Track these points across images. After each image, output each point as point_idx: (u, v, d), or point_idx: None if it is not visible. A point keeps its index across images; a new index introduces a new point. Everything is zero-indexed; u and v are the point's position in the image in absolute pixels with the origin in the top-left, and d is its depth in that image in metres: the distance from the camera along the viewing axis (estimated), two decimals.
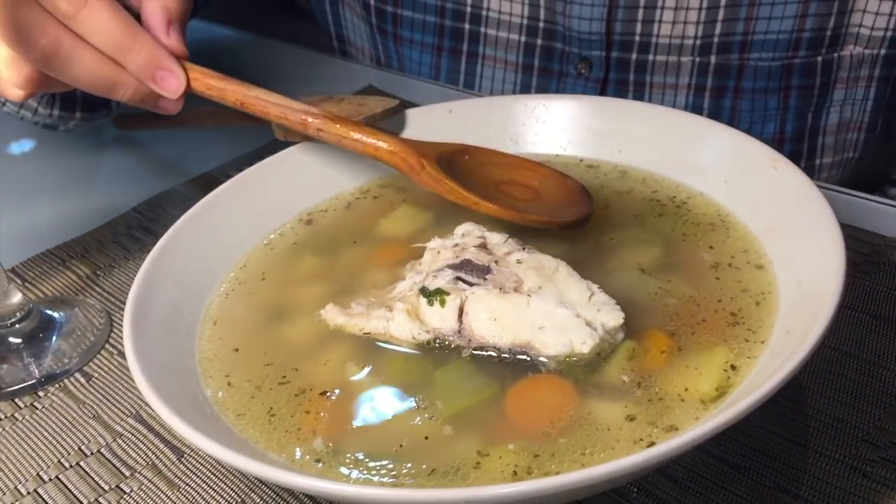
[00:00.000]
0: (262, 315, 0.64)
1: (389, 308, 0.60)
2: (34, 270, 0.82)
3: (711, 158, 0.69)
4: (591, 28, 0.93)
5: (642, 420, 0.51)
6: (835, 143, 0.96)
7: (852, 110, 0.94)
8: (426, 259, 0.63)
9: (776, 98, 0.93)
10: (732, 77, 0.92)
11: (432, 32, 1.03)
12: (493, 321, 0.56)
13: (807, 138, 0.96)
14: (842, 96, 0.93)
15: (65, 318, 0.75)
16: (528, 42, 0.99)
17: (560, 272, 0.58)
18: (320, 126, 0.70)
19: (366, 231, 0.72)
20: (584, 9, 0.93)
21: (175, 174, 0.95)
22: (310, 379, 0.58)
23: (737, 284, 0.60)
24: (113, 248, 0.84)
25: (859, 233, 0.73)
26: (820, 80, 0.92)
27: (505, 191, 0.70)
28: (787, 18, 0.88)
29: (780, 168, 0.63)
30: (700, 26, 0.91)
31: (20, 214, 0.91)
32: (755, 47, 0.90)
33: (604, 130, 0.76)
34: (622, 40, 0.94)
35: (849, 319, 0.65)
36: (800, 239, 0.59)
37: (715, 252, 0.64)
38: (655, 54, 0.94)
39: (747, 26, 0.90)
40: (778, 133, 0.95)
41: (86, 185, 0.97)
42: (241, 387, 0.58)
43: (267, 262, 0.69)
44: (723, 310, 0.58)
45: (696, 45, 0.92)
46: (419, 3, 1.02)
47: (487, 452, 0.51)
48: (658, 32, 0.92)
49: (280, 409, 0.55)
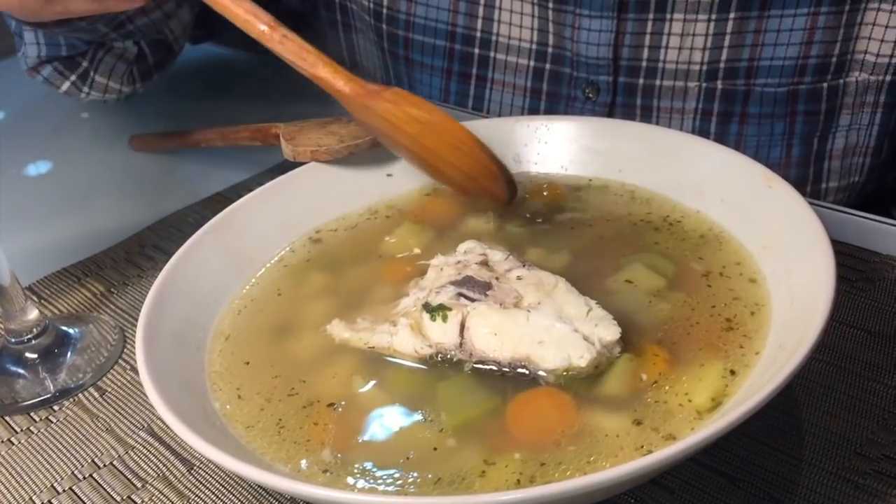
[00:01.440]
0: (270, 330, 0.66)
1: (393, 323, 0.62)
2: (50, 288, 0.84)
3: (708, 177, 0.71)
4: (599, 53, 0.95)
5: (643, 428, 0.53)
6: (840, 167, 0.97)
7: (858, 135, 0.95)
8: (429, 276, 0.65)
9: (782, 123, 0.94)
10: (739, 102, 0.94)
11: (442, 56, 1.05)
12: (494, 336, 0.58)
13: (812, 163, 0.97)
14: (847, 122, 0.94)
15: (79, 334, 0.77)
16: (536, 67, 1.01)
17: (559, 288, 0.60)
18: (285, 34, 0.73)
19: (372, 249, 0.74)
20: (592, 34, 0.94)
21: (188, 194, 0.97)
22: (317, 392, 0.59)
23: (730, 293, 0.62)
24: (126, 267, 0.86)
25: (854, 250, 0.74)
26: (826, 106, 0.93)
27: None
28: (792, 45, 0.89)
29: (774, 186, 0.65)
30: (706, 52, 0.92)
31: (37, 233, 0.94)
32: (761, 73, 0.92)
33: (604, 150, 0.78)
34: (629, 65, 0.95)
35: (843, 335, 0.66)
36: (793, 255, 0.60)
37: (710, 266, 0.65)
38: (662, 79, 0.95)
39: (753, 52, 0.91)
40: (784, 157, 0.96)
41: (101, 204, 0.99)
42: (250, 399, 0.59)
43: (276, 279, 0.71)
44: (718, 315, 0.60)
45: (702, 70, 0.93)
46: (430, 28, 1.04)
47: (492, 462, 0.52)
48: (665, 58, 0.94)
49: (289, 421, 0.57)
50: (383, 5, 1.05)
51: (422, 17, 1.04)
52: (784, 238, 0.62)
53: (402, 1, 1.04)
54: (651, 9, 0.92)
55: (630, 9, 0.92)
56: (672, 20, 0.92)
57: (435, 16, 1.03)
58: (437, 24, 1.04)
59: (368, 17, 1.08)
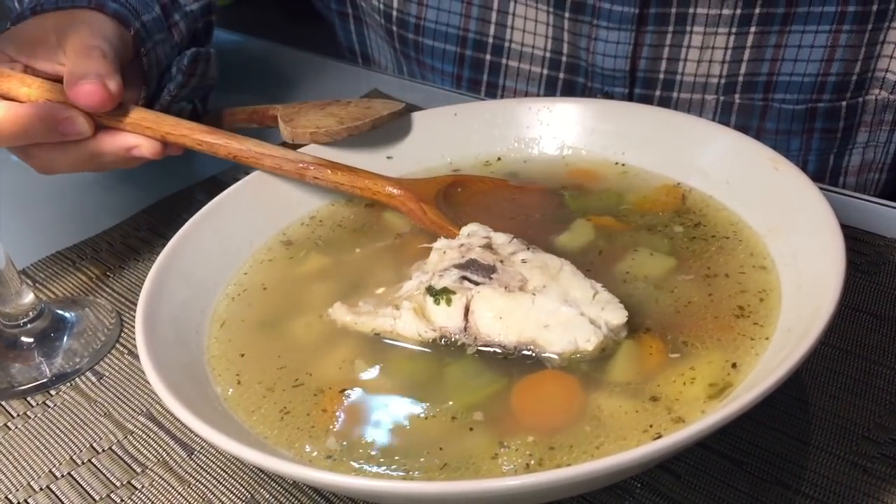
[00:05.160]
0: (271, 313, 0.65)
1: (396, 307, 0.61)
2: (45, 272, 0.83)
3: (713, 159, 0.70)
4: (616, 65, 0.93)
5: (650, 413, 0.52)
6: (856, 183, 0.96)
7: (875, 152, 0.94)
8: (432, 259, 0.64)
9: (799, 139, 0.93)
10: (756, 117, 0.93)
11: (452, 62, 1.03)
12: (499, 319, 0.57)
13: (828, 178, 0.96)
14: (865, 139, 0.93)
15: (76, 318, 0.76)
16: (549, 75, 1.00)
17: (564, 271, 0.59)
18: (316, 174, 0.73)
19: (372, 230, 0.73)
20: (609, 46, 0.93)
21: (183, 177, 0.96)
22: (319, 376, 0.59)
23: (740, 283, 0.61)
24: (122, 250, 0.85)
25: (860, 234, 0.73)
26: (843, 124, 0.92)
27: (492, 214, 0.71)
28: (812, 62, 0.88)
29: (780, 168, 0.64)
30: (725, 66, 0.91)
31: (31, 216, 0.93)
32: (780, 89, 0.90)
33: (607, 132, 0.77)
34: (646, 77, 0.94)
35: (850, 319, 0.66)
36: (801, 238, 0.60)
37: (719, 251, 0.64)
38: (679, 92, 0.94)
39: (772, 67, 0.90)
40: None
41: (95, 187, 0.97)
42: (251, 385, 0.59)
43: (275, 261, 0.70)
44: (728, 300, 0.59)
45: (720, 84, 0.92)
46: (440, 33, 1.02)
47: (498, 447, 0.51)
48: (683, 70, 0.93)
49: (295, 408, 0.56)
50: (393, 7, 1.04)
51: (432, 21, 1.02)
52: (792, 220, 0.61)
53: (413, 4, 1.02)
54: (671, 22, 0.90)
55: (650, 21, 0.91)
56: (692, 33, 0.90)
57: (446, 20, 1.01)
58: (448, 29, 1.02)
59: (379, 18, 1.06)
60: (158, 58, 0.83)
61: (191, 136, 0.74)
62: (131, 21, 0.79)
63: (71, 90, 0.69)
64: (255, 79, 1.18)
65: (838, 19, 0.86)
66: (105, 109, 0.71)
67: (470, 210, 0.72)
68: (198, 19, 0.93)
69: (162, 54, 0.84)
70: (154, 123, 0.74)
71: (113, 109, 0.72)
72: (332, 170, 0.73)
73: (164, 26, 0.86)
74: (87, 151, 0.73)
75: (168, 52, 0.85)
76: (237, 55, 1.28)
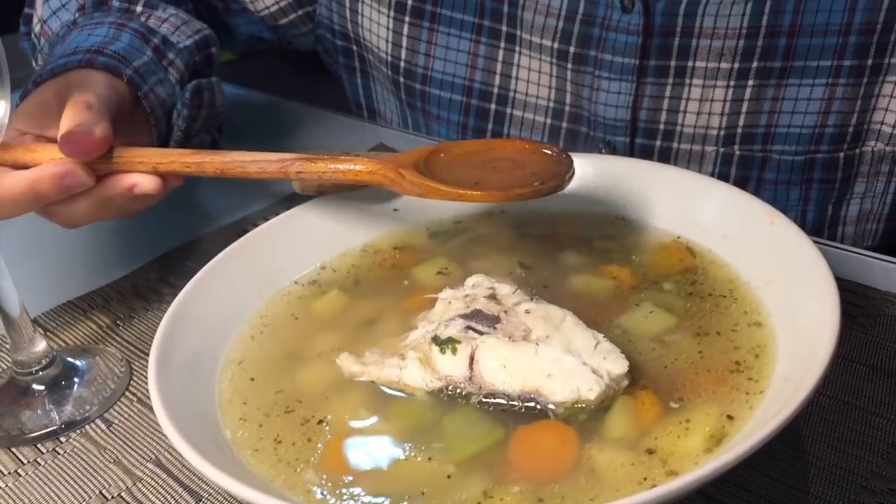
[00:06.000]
0: (279, 362, 0.66)
1: (402, 356, 0.62)
2: (56, 320, 0.85)
3: (711, 214, 0.72)
4: (617, 115, 0.96)
5: (645, 465, 0.53)
6: (854, 233, 0.98)
7: (872, 203, 0.96)
8: (438, 309, 0.65)
9: (798, 189, 0.95)
10: (755, 168, 0.95)
11: (458, 111, 1.06)
12: (503, 368, 0.59)
13: (827, 228, 0.98)
14: (862, 189, 0.95)
15: (87, 366, 0.77)
16: (553, 124, 1.02)
17: (567, 321, 0.61)
18: (299, 168, 0.74)
19: (380, 282, 0.75)
20: (611, 96, 0.95)
21: (190, 229, 0.98)
22: (324, 424, 0.60)
23: (733, 341, 0.62)
24: (132, 300, 0.87)
25: (856, 287, 0.75)
26: (841, 175, 0.94)
27: (486, 171, 0.71)
28: (809, 114, 0.91)
29: (777, 223, 0.66)
30: (724, 118, 0.93)
31: (43, 266, 0.95)
32: (778, 140, 0.93)
33: (608, 186, 0.79)
34: (647, 127, 0.97)
35: (846, 370, 0.67)
36: (797, 290, 0.61)
37: (715, 308, 0.66)
38: (680, 143, 0.96)
39: (770, 120, 0.92)
40: (799, 222, 0.95)
41: (105, 238, 0.99)
42: (256, 429, 0.60)
43: (284, 311, 0.72)
44: (723, 359, 0.60)
45: (719, 135, 0.94)
46: (447, 82, 1.05)
47: (491, 495, 0.52)
48: (683, 122, 0.95)
49: (305, 456, 0.58)
50: (401, 58, 1.07)
51: (439, 72, 1.05)
52: (788, 273, 0.63)
53: (420, 55, 1.05)
54: (670, 74, 0.93)
55: (650, 73, 0.94)
56: (691, 85, 0.93)
57: (452, 70, 1.04)
58: (454, 79, 1.05)
59: (386, 69, 1.09)
60: (159, 98, 0.87)
61: (179, 161, 0.76)
62: (122, 69, 0.83)
63: (60, 144, 0.73)
64: (262, 132, 1.21)
65: (834, 73, 0.89)
66: (95, 155, 0.74)
67: (454, 170, 0.72)
68: (194, 54, 0.97)
69: (163, 94, 0.87)
70: (145, 157, 0.76)
71: (107, 154, 0.75)
72: (313, 161, 0.74)
73: (160, 67, 0.90)
74: (96, 200, 0.76)
75: (170, 91, 0.89)
76: (244, 108, 1.31)
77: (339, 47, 1.16)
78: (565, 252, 0.75)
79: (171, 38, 0.95)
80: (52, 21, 0.99)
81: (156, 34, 0.93)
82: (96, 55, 0.83)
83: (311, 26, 1.16)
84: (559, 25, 0.96)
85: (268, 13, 1.14)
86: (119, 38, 0.88)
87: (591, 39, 0.95)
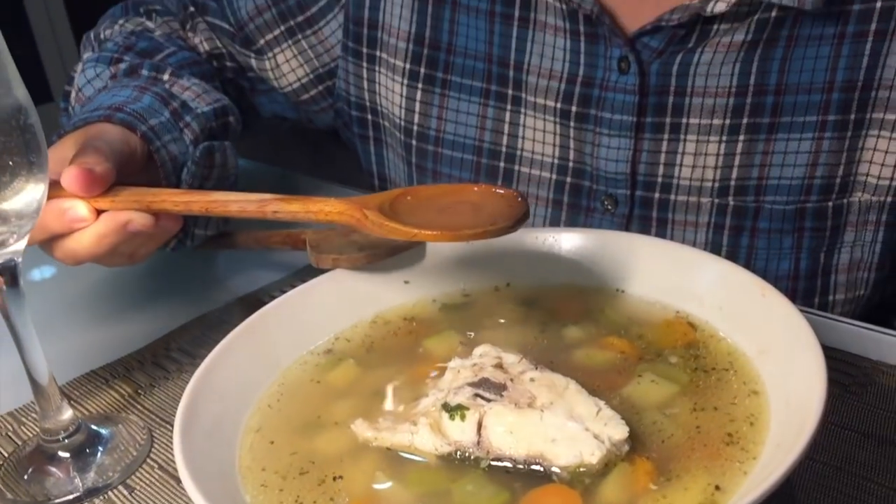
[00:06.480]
0: (297, 428, 0.69)
1: (414, 422, 0.65)
2: (80, 389, 0.88)
3: (706, 287, 0.76)
4: (618, 169, 1.01)
5: None
6: (846, 281, 1.01)
7: (862, 251, 0.99)
8: (447, 377, 0.69)
9: (790, 238, 0.99)
10: (749, 217, 0.99)
11: (469, 170, 1.12)
12: (510, 434, 0.62)
13: (820, 275, 1.01)
14: (852, 238, 0.99)
15: (110, 434, 0.80)
16: (558, 180, 1.07)
17: (570, 389, 0.64)
18: (275, 208, 0.80)
19: (392, 351, 0.78)
20: (611, 151, 1.01)
21: (209, 299, 1.02)
22: (341, 486, 0.63)
23: (730, 413, 0.65)
24: (153, 369, 0.90)
25: (847, 356, 0.78)
26: (831, 223, 0.98)
27: (448, 214, 0.77)
28: (798, 166, 0.95)
29: (767, 295, 0.70)
30: (718, 171, 0.98)
31: (66, 336, 0.98)
32: (769, 191, 0.97)
33: (608, 261, 0.83)
34: (645, 181, 1.02)
35: (839, 436, 0.70)
36: (788, 360, 0.65)
37: (717, 382, 0.69)
38: (677, 194, 1.01)
39: (762, 172, 0.97)
40: (793, 270, 1.01)
41: (127, 310, 1.03)
42: (276, 492, 0.63)
43: (301, 379, 0.75)
44: (720, 432, 0.63)
45: (714, 187, 0.99)
46: (458, 143, 1.11)
47: None
48: (679, 175, 1.00)
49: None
50: (414, 122, 1.13)
51: (451, 133, 1.11)
52: (779, 343, 0.67)
53: (433, 118, 1.11)
54: (666, 130, 0.99)
55: (647, 129, 0.99)
56: (686, 140, 0.98)
57: (463, 132, 1.10)
58: (465, 140, 1.10)
59: (399, 134, 1.15)
60: (171, 154, 0.93)
61: (170, 200, 0.82)
62: (137, 125, 0.90)
63: (63, 178, 0.79)
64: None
65: (820, 128, 0.94)
66: (94, 191, 0.80)
67: (417, 212, 0.77)
68: (211, 120, 1.03)
69: (175, 151, 0.94)
70: (140, 196, 0.82)
71: (106, 193, 0.81)
72: (287, 202, 0.80)
73: (176, 128, 0.96)
74: (94, 235, 0.82)
75: (183, 150, 0.95)
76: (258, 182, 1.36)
77: (355, 118, 1.22)
78: (569, 323, 0.78)
79: (190, 104, 1.01)
80: (86, 88, 1.07)
81: (176, 98, 1.01)
82: (115, 112, 0.91)
83: (331, 101, 1.22)
84: (561, 87, 1.02)
85: (291, 90, 1.21)
86: (140, 100, 0.96)
87: (591, 99, 1.01)
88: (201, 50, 1.19)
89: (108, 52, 1.10)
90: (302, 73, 1.19)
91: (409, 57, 1.11)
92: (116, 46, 1.11)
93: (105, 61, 1.08)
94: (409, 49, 1.11)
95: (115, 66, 1.07)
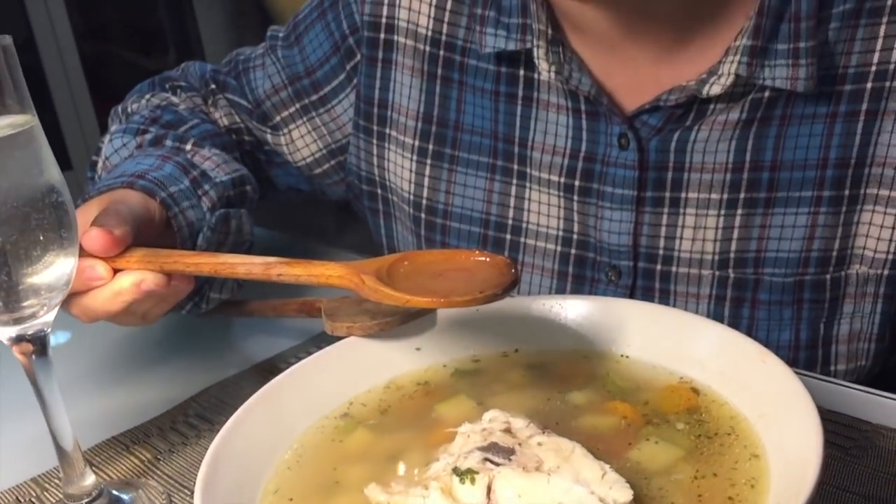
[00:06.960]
0: (313, 492, 0.72)
1: (425, 486, 0.67)
2: (101, 455, 0.91)
3: (708, 352, 0.78)
4: (620, 241, 1.04)
5: None
6: (847, 351, 1.03)
7: (862, 322, 1.01)
8: (457, 442, 0.71)
9: (790, 309, 1.01)
10: (749, 289, 1.02)
11: (476, 241, 1.15)
12: (518, 497, 0.64)
13: (821, 346, 1.03)
14: (851, 309, 1.01)
15: (130, 499, 0.82)
16: (563, 252, 1.11)
17: (576, 453, 0.67)
18: (280, 271, 0.84)
19: (405, 416, 0.80)
20: (614, 224, 1.04)
21: (226, 366, 1.05)
22: None
23: (731, 478, 0.67)
24: (171, 435, 0.93)
25: (847, 419, 0.80)
26: (829, 295, 1.00)
27: (442, 280, 0.80)
28: (795, 240, 0.98)
29: (767, 362, 0.73)
30: (717, 244, 1.01)
31: (87, 403, 1.00)
32: (768, 264, 1.00)
33: (612, 327, 0.86)
34: (647, 253, 1.05)
35: (840, 499, 0.72)
36: (786, 423, 0.67)
37: (721, 447, 0.71)
38: (678, 266, 1.04)
39: (760, 245, 1.00)
40: (794, 341, 1.02)
41: (147, 378, 1.06)
42: None
43: (317, 444, 0.78)
44: (721, 497, 0.65)
45: (714, 259, 1.02)
46: (465, 216, 1.15)
47: None
48: (679, 248, 1.03)
49: None
50: (423, 196, 1.17)
51: (458, 207, 1.15)
52: (777, 408, 0.69)
53: (441, 192, 1.16)
54: (666, 204, 1.02)
55: (647, 203, 1.03)
56: (685, 214, 1.02)
57: (471, 205, 1.14)
58: (472, 213, 1.14)
59: (408, 208, 1.19)
60: (188, 220, 0.98)
61: (181, 262, 0.86)
62: (157, 192, 0.95)
63: (82, 239, 0.83)
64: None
65: (815, 203, 0.97)
66: (112, 252, 0.84)
67: (412, 278, 0.81)
68: (228, 188, 1.07)
69: (192, 217, 0.98)
70: (153, 257, 0.86)
71: (122, 253, 0.85)
72: (291, 265, 0.84)
73: (194, 195, 1.01)
74: (110, 293, 0.85)
75: (200, 216, 1.00)
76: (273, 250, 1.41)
77: (365, 192, 1.26)
78: (575, 389, 0.81)
79: (209, 173, 1.06)
80: (113, 157, 1.12)
81: (196, 168, 1.05)
82: (137, 179, 0.96)
83: (343, 175, 1.26)
84: (564, 162, 1.06)
85: (304, 164, 1.25)
86: (162, 168, 1.01)
87: (594, 174, 1.05)
88: (221, 124, 1.25)
89: (134, 124, 1.16)
90: (315, 149, 1.24)
91: (417, 134, 1.16)
92: (143, 119, 1.17)
93: (132, 132, 1.14)
94: (417, 127, 1.16)
95: (140, 137, 1.13)
